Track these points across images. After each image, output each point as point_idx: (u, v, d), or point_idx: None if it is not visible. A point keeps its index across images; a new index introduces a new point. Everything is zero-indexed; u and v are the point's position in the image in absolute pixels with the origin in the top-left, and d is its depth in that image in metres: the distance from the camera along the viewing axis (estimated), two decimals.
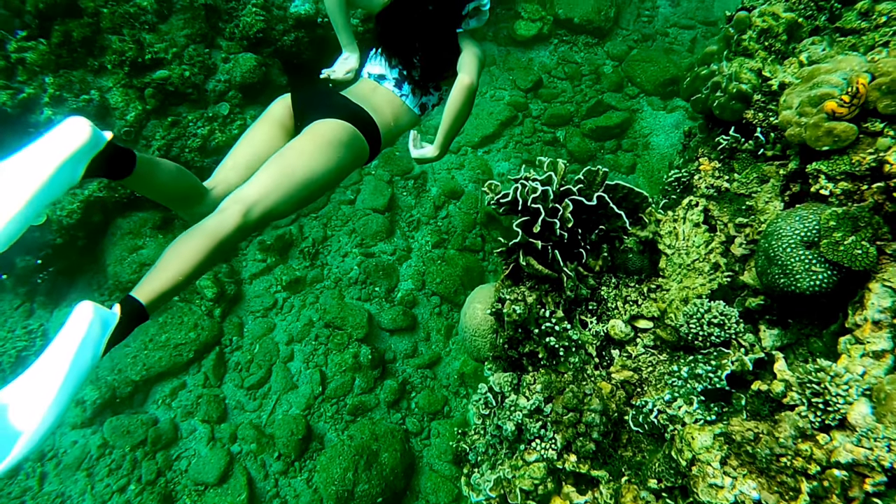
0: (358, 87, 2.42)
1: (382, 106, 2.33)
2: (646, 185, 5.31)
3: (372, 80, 2.45)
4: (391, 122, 2.36)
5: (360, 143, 2.18)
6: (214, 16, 4.78)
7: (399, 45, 2.38)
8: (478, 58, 2.32)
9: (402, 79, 2.42)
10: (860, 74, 1.94)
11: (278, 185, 1.89)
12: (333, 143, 2.06)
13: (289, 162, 1.96)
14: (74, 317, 1.31)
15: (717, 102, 2.57)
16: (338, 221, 5.18)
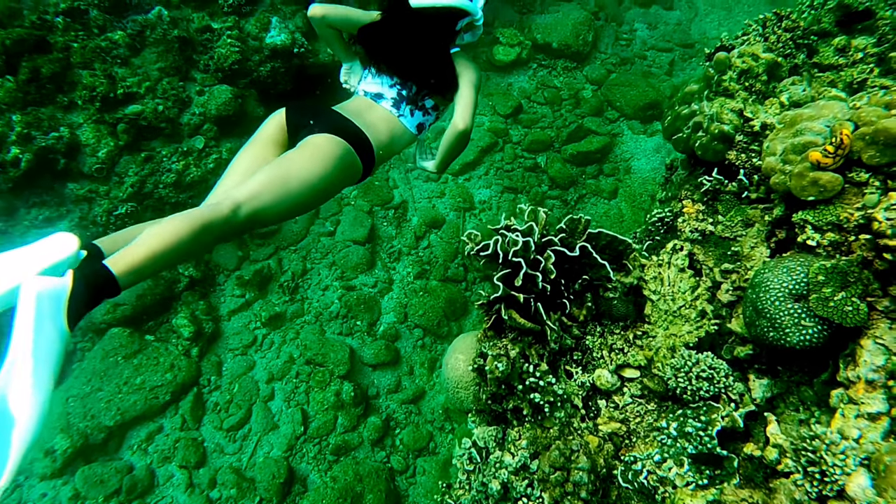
0: (353, 105, 2.38)
1: (378, 124, 2.30)
2: (628, 209, 5.30)
3: (368, 98, 2.41)
4: (386, 141, 2.33)
5: (352, 159, 2.16)
6: (188, 48, 4.69)
7: (398, 63, 2.36)
8: (473, 89, 2.34)
9: (401, 99, 2.38)
10: (843, 123, 1.92)
11: (271, 188, 1.89)
12: (327, 157, 2.06)
13: (283, 169, 1.96)
14: (21, 300, 1.27)
15: (698, 143, 2.54)
16: (317, 254, 5.08)
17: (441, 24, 2.32)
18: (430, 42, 2.33)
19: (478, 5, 2.33)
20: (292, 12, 5.08)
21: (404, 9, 2.25)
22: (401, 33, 2.31)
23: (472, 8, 2.31)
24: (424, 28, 2.29)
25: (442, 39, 2.36)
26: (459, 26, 2.38)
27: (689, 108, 2.61)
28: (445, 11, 2.28)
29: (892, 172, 1.83)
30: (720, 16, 6.83)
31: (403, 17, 2.28)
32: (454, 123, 2.30)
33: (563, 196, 5.39)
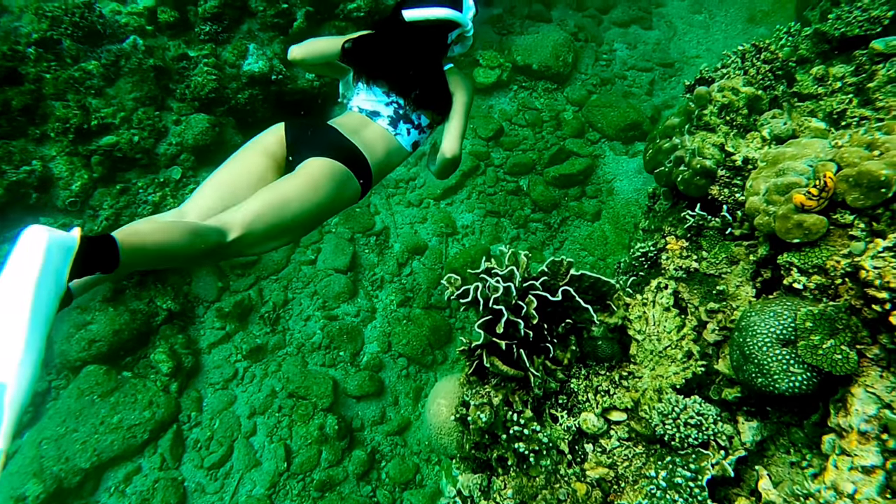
0: (349, 121, 2.35)
1: (376, 144, 2.30)
2: (612, 231, 5.27)
3: (364, 114, 2.39)
4: (384, 161, 2.33)
5: (352, 184, 2.17)
6: (164, 77, 4.61)
7: (392, 75, 2.37)
8: (464, 114, 2.41)
9: (397, 117, 2.38)
10: (826, 164, 1.89)
11: (273, 212, 1.89)
12: (327, 183, 2.05)
13: (284, 194, 1.94)
14: (26, 246, 1.18)
15: (681, 177, 2.51)
16: (299, 283, 4.99)
17: (433, 36, 2.36)
18: (423, 54, 2.36)
19: (468, 17, 2.37)
20: (270, 39, 5.02)
21: (398, 22, 2.29)
22: (395, 46, 2.34)
23: (463, 20, 2.35)
24: (418, 40, 2.33)
25: (435, 51, 2.39)
26: (450, 39, 2.42)
27: (670, 142, 2.58)
28: (438, 24, 2.32)
29: (876, 215, 1.80)
30: (698, 35, 6.89)
31: (397, 30, 2.31)
32: (442, 151, 2.39)
33: (546, 219, 5.35)
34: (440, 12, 2.27)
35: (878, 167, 1.73)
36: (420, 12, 2.27)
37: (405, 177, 5.54)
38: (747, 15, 6.96)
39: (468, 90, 2.46)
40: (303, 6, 5.04)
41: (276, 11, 4.93)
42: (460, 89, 2.43)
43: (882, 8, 3.56)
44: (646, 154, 2.75)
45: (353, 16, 5.28)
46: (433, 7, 2.27)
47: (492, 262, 2.31)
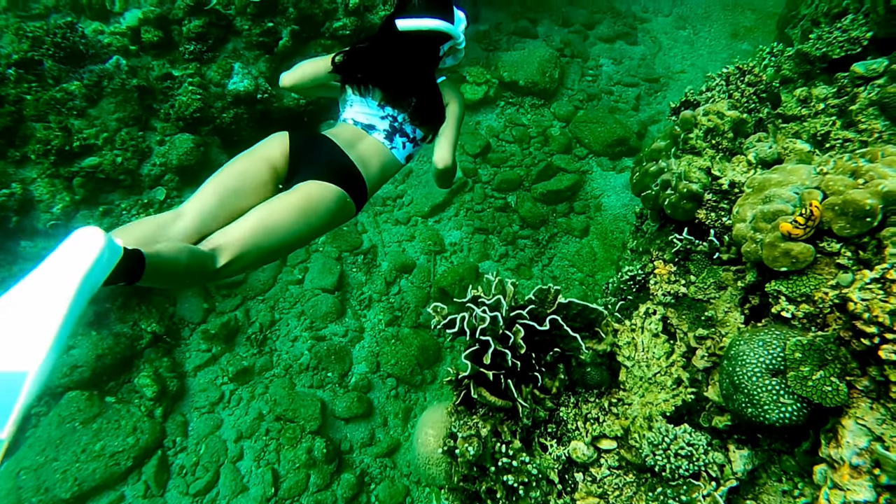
0: (345, 133, 2.36)
1: (371, 158, 2.32)
2: (600, 247, 5.27)
3: (359, 127, 2.40)
4: (378, 176, 2.36)
5: (348, 207, 2.20)
6: (148, 97, 4.57)
7: (385, 84, 2.40)
8: (455, 125, 2.45)
9: (393, 131, 2.40)
10: (812, 192, 1.89)
11: (265, 238, 1.93)
12: (322, 208, 2.09)
13: (276, 220, 1.97)
14: (81, 241, 1.23)
15: (667, 201, 2.50)
16: (285, 304, 4.93)
17: (425, 47, 2.37)
18: (415, 64, 2.38)
19: (459, 29, 2.39)
20: (255, 57, 5.00)
21: (391, 32, 2.30)
22: (388, 55, 2.36)
23: (455, 31, 2.36)
24: (410, 50, 2.35)
25: (427, 62, 2.41)
26: (443, 50, 2.43)
27: (656, 166, 2.58)
28: (429, 34, 2.33)
29: (862, 243, 1.79)
30: (683, 50, 6.95)
31: (390, 40, 2.32)
32: (434, 161, 2.42)
33: (534, 235, 5.34)
34: (432, 23, 2.29)
35: (863, 196, 1.73)
36: (412, 22, 2.28)
37: (392, 195, 5.52)
38: (730, 31, 7.04)
39: (460, 102, 2.51)
40: (288, 25, 5.02)
41: (261, 30, 4.91)
42: (452, 101, 2.48)
43: (861, 29, 3.60)
44: (633, 177, 2.74)
45: (339, 34, 5.27)
46: (425, 18, 2.28)
47: (479, 290, 2.29)
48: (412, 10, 2.29)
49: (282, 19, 5.01)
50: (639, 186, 2.67)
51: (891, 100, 2.53)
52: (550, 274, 5.18)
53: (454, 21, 2.37)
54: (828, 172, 2.00)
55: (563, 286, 5.12)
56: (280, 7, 4.97)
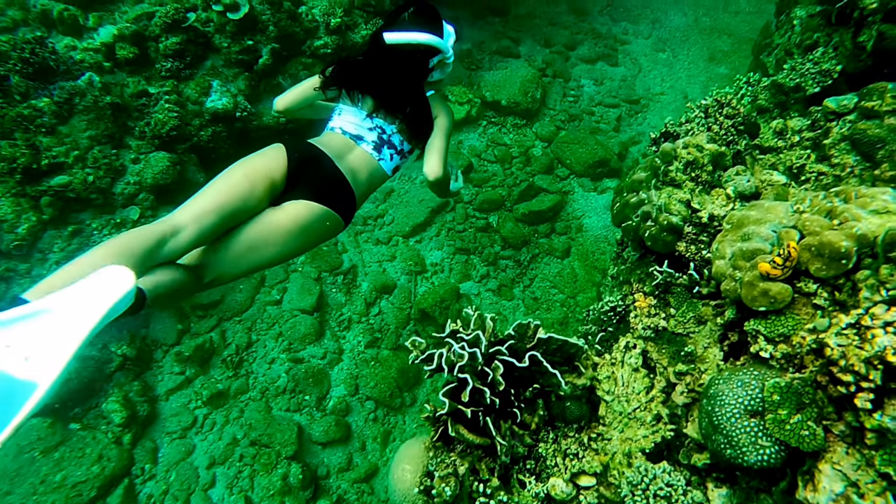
0: (334, 143, 2.36)
1: (361, 170, 2.34)
2: (581, 268, 5.27)
3: (348, 137, 2.40)
4: (366, 188, 2.38)
5: (337, 224, 2.25)
6: (123, 114, 4.48)
7: (374, 95, 2.42)
8: (445, 137, 2.47)
9: (381, 143, 2.41)
10: (789, 232, 1.89)
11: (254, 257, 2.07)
12: (313, 230, 2.16)
13: (267, 241, 2.06)
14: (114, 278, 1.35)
15: (648, 233, 2.49)
16: (263, 325, 4.84)
17: (414, 61, 2.39)
18: (404, 77, 2.40)
19: (448, 43, 2.42)
20: (234, 75, 4.93)
21: (379, 45, 2.32)
22: (376, 66, 2.38)
23: (443, 45, 2.38)
24: (398, 63, 2.36)
25: (416, 75, 2.43)
26: (431, 64, 2.45)
27: (637, 197, 2.57)
28: (417, 48, 2.35)
29: (838, 285, 1.79)
30: (662, 72, 7.04)
31: (379, 54, 2.35)
32: (426, 173, 2.43)
33: (515, 256, 5.33)
34: (420, 37, 2.30)
35: (839, 238, 1.73)
36: (400, 35, 2.29)
37: (374, 214, 5.47)
38: (708, 54, 7.16)
39: (448, 115, 2.53)
40: (268, 43, 4.97)
41: (240, 48, 4.86)
42: (442, 114, 2.50)
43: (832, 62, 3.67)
44: (613, 207, 2.74)
45: (321, 52, 5.24)
46: (414, 31, 2.30)
47: (457, 324, 2.25)
48: (401, 23, 2.32)
49: (262, 37, 4.96)
50: (619, 217, 2.67)
51: (861, 136, 2.56)
52: (532, 295, 5.16)
53: (443, 35, 2.40)
54: (804, 211, 2.01)
55: (545, 307, 5.11)
56: (260, 25, 4.92)
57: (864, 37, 3.53)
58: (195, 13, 4.77)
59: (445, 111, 2.53)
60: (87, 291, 1.32)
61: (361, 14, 5.53)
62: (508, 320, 5.06)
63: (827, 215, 1.90)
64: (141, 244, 1.73)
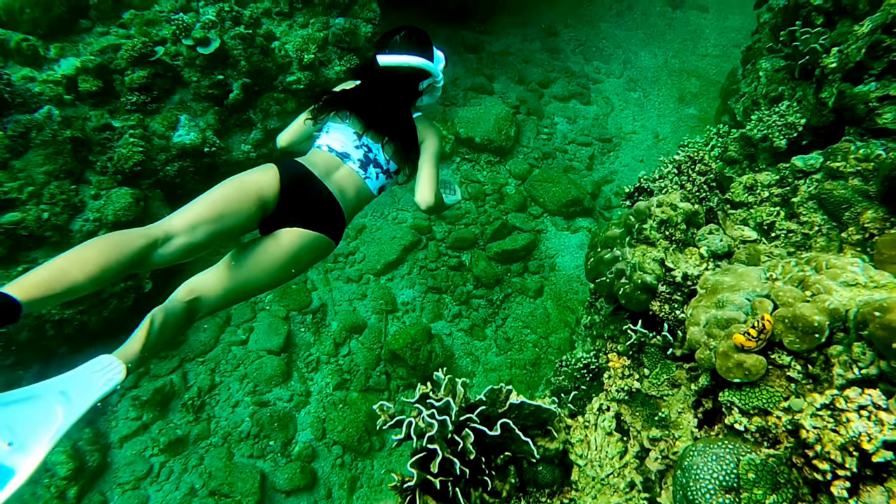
0: (320, 161, 2.37)
1: (347, 188, 2.34)
2: (554, 308, 5.24)
3: (335, 154, 2.41)
4: (354, 207, 2.39)
5: (329, 247, 2.26)
6: (83, 149, 4.33)
7: (362, 115, 2.44)
8: (434, 162, 2.49)
9: (367, 161, 2.41)
10: (763, 302, 1.87)
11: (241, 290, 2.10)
12: (304, 256, 2.17)
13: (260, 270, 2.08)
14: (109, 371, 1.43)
15: (622, 290, 2.47)
16: (228, 366, 4.67)
17: (405, 83, 2.46)
18: (394, 98, 2.45)
19: (439, 67, 2.49)
20: (203, 109, 4.84)
21: (372, 69, 2.39)
22: (369, 89, 2.44)
23: (434, 69, 2.46)
24: (390, 85, 2.43)
25: (405, 97, 2.49)
26: (422, 87, 2.52)
27: (611, 254, 2.55)
28: (409, 71, 2.42)
29: (812, 358, 1.77)
30: (634, 111, 7.17)
31: (371, 75, 2.41)
32: (417, 202, 2.49)
33: (488, 295, 5.28)
34: (413, 60, 2.38)
35: (812, 312, 1.72)
36: (394, 59, 2.37)
37: (345, 251, 5.38)
38: (678, 95, 7.33)
39: (437, 138, 2.55)
40: (239, 78, 4.90)
41: (210, 82, 4.77)
42: (430, 137, 2.53)
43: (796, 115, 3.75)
44: (587, 262, 2.71)
45: (293, 88, 5.18)
46: (407, 55, 2.38)
47: (427, 387, 2.17)
48: (394, 46, 2.41)
49: (233, 72, 4.89)
50: (593, 273, 2.64)
51: (828, 195, 2.59)
52: (504, 335, 5.10)
53: (434, 59, 2.48)
54: (777, 279, 2.00)
55: (517, 348, 5.05)
56: (231, 60, 4.85)
57: (825, 93, 3.63)
58: (164, 47, 4.68)
59: (433, 133, 2.55)
60: (79, 381, 1.36)
61: (336, 50, 5.51)
62: (480, 360, 4.99)
63: (799, 285, 1.89)
64: (132, 245, 1.73)
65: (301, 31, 5.43)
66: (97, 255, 1.61)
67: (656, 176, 2.77)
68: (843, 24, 3.92)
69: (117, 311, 4.33)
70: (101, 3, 4.84)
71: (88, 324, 4.19)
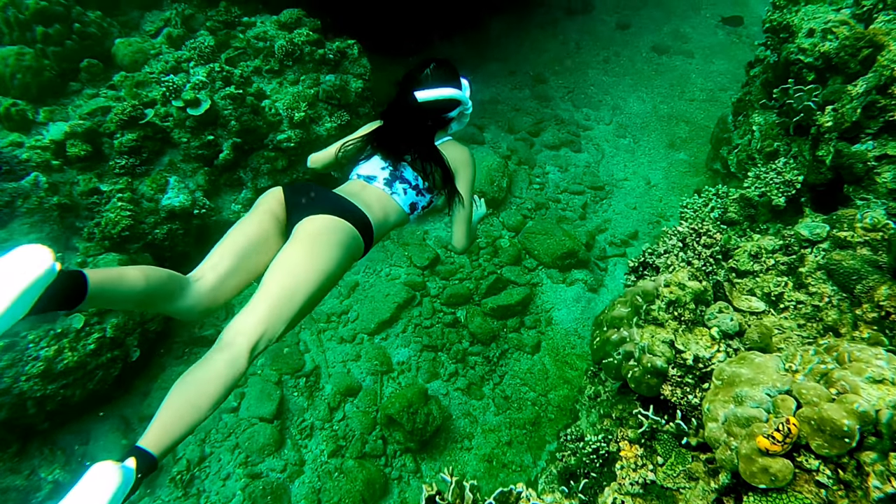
0: (347, 187, 2.43)
1: (373, 203, 2.34)
2: (552, 364, 5.12)
3: (361, 179, 2.46)
4: (381, 217, 2.35)
5: (354, 238, 2.16)
6: (70, 214, 4.23)
7: (390, 144, 2.48)
8: (467, 196, 2.54)
9: (393, 178, 2.44)
10: (785, 399, 1.78)
11: (280, 311, 1.85)
12: (328, 244, 2.04)
13: (287, 282, 1.91)
14: (97, 481, 1.29)
15: (631, 374, 2.37)
16: (218, 435, 4.48)
17: (439, 114, 2.50)
18: (428, 129, 2.50)
19: (467, 94, 2.53)
20: (193, 170, 4.77)
21: (409, 102, 2.43)
22: (404, 122, 2.47)
23: (464, 98, 2.51)
24: (426, 118, 2.47)
25: (434, 127, 2.52)
26: (453, 115, 2.56)
27: (618, 334, 2.46)
28: (444, 103, 2.47)
29: (842, 463, 1.68)
30: (625, 158, 7.20)
31: (408, 110, 2.45)
32: (453, 245, 2.73)
33: (484, 352, 5.16)
34: (448, 92, 2.44)
35: (840, 416, 1.63)
36: (431, 93, 2.42)
37: (337, 310, 5.25)
38: (668, 141, 7.37)
39: (470, 167, 2.57)
40: (230, 137, 4.85)
41: (200, 143, 4.72)
42: (463, 167, 2.54)
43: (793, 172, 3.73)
44: (592, 341, 2.62)
45: (284, 146, 5.14)
46: (442, 87, 2.44)
47: (432, 488, 2.05)
48: (426, 81, 2.45)
49: (223, 132, 4.84)
50: (599, 353, 2.54)
51: (837, 266, 2.53)
52: (502, 394, 4.97)
53: (462, 87, 2.52)
54: (797, 370, 1.92)
55: (516, 406, 4.91)
56: (221, 120, 4.81)
57: (822, 151, 3.61)
58: (153, 108, 4.64)
59: (467, 162, 2.56)
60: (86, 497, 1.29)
61: (326, 107, 5.49)
62: (478, 421, 4.84)
63: (822, 379, 1.81)
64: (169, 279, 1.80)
65: (291, 89, 5.42)
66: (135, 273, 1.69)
67: (661, 250, 2.71)
68: (834, 81, 3.95)
69: (102, 383, 4.16)
70: (91, 66, 4.81)
71: (73, 398, 4.01)
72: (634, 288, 2.51)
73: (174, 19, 5.39)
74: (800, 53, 3.98)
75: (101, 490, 1.28)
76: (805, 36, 4.01)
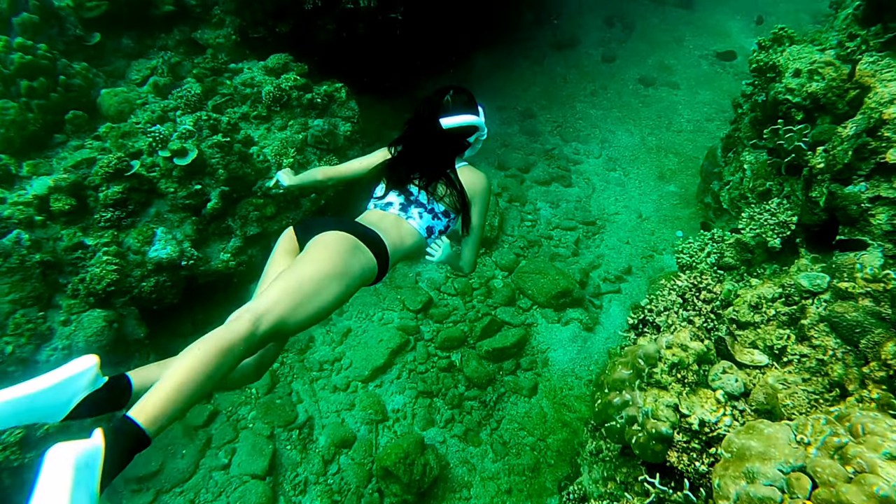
0: (365, 216, 2.48)
1: (389, 228, 2.38)
2: (550, 407, 5.02)
3: (378, 208, 2.52)
4: (396, 240, 2.38)
5: (365, 255, 2.19)
6: (54, 271, 4.12)
7: (409, 170, 2.51)
8: (480, 221, 2.60)
9: (408, 203, 2.49)
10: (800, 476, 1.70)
11: (287, 295, 1.88)
12: (339, 252, 2.09)
13: (296, 272, 1.97)
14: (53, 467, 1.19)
15: (635, 439, 2.28)
16: (208, 495, 4.32)
17: (460, 140, 2.57)
18: (448, 154, 2.55)
19: (483, 120, 2.60)
20: (180, 220, 4.69)
21: (432, 128, 2.48)
22: (428, 148, 2.51)
23: (482, 124, 2.59)
24: (448, 143, 2.53)
25: (451, 152, 2.57)
26: (471, 139, 2.62)
27: (620, 398, 2.38)
28: (465, 129, 2.54)
29: None
30: (615, 192, 7.20)
31: (433, 136, 2.49)
32: (461, 266, 2.70)
33: (481, 397, 5.05)
34: (469, 119, 2.51)
35: (859, 500, 1.55)
36: (454, 120, 2.48)
37: (330, 358, 5.14)
38: (657, 173, 7.40)
39: (486, 194, 2.61)
40: (217, 186, 4.79)
41: (188, 192, 4.65)
42: (479, 193, 2.57)
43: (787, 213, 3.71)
44: (594, 404, 2.54)
45: (272, 192, 5.08)
46: (463, 114, 2.50)
47: None
48: (447, 108, 2.51)
49: (211, 181, 4.78)
50: (601, 416, 2.46)
51: (840, 319, 2.48)
52: (500, 439, 4.84)
53: (479, 113, 2.59)
54: (809, 442, 1.84)
55: (514, 452, 4.79)
56: (209, 169, 4.76)
57: (815, 192, 3.59)
58: (140, 160, 4.58)
59: (483, 188, 2.59)
60: None
61: (315, 151, 5.46)
62: (476, 469, 4.71)
63: (836, 454, 1.73)
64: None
65: (279, 134, 5.39)
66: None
67: (661, 307, 2.65)
68: (822, 121, 3.96)
69: None
70: (76, 118, 4.75)
71: None
72: (635, 348, 2.44)
73: (161, 67, 5.37)
74: (787, 93, 4.00)
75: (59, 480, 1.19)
76: (792, 76, 4.03)
